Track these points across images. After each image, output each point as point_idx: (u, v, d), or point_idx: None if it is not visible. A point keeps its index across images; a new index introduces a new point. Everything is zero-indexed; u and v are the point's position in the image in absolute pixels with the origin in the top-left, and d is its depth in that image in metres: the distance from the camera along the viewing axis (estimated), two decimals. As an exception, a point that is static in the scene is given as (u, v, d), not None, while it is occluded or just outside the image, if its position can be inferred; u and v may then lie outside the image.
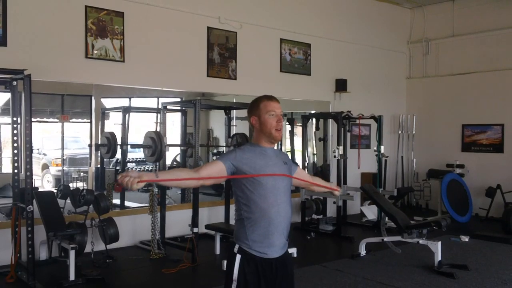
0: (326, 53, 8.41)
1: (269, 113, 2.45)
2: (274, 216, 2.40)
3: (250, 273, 2.38)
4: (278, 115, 2.47)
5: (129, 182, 2.06)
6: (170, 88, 6.71)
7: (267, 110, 2.45)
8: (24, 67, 4.61)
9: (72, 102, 6.40)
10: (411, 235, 5.33)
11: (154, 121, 6.63)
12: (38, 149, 6.78)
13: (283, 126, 2.53)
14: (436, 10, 9.44)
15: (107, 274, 4.91)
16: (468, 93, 8.98)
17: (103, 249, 5.55)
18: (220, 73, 7.05)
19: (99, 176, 6.28)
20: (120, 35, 6.06)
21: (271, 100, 2.49)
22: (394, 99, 9.67)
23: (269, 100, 2.49)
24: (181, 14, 6.64)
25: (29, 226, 4.57)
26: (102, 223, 5.45)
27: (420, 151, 9.53)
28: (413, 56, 9.84)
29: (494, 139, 8.67)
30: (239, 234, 2.44)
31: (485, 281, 4.84)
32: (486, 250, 6.16)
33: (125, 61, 6.11)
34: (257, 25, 7.45)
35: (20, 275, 4.74)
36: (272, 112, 2.45)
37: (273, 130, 2.45)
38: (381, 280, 4.85)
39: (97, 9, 5.89)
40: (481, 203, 8.38)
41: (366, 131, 9.03)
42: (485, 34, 8.78)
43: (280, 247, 2.45)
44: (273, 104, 2.47)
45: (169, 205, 6.49)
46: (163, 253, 5.69)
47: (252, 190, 2.38)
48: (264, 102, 2.48)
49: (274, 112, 2.46)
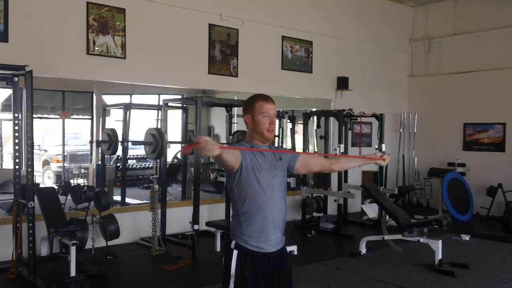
0: (328, 51, 8.39)
1: (263, 114, 2.47)
2: (270, 211, 2.44)
3: (248, 268, 2.42)
4: (272, 117, 2.49)
5: (212, 146, 2.03)
6: (171, 85, 6.69)
7: (262, 111, 2.47)
8: (25, 63, 4.60)
9: (73, 99, 6.40)
10: (412, 233, 5.33)
11: (155, 118, 6.63)
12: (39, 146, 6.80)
13: (275, 127, 2.55)
14: (438, 8, 9.42)
15: (107, 271, 4.92)
16: (470, 92, 8.96)
17: (104, 246, 5.56)
18: (221, 70, 7.04)
19: (100, 173, 6.29)
20: (121, 31, 6.05)
21: (266, 101, 2.50)
22: (396, 97, 9.65)
23: (264, 101, 2.49)
24: (182, 11, 6.63)
25: (30, 222, 4.58)
26: (103, 219, 5.45)
27: (421, 149, 9.51)
28: (415, 54, 9.82)
29: (495, 138, 8.65)
30: (235, 229, 2.48)
31: (486, 280, 4.84)
32: (486, 249, 6.16)
33: (127, 57, 6.10)
34: (258, 22, 7.43)
35: (21, 271, 4.75)
36: (266, 113, 2.47)
37: (265, 131, 2.48)
38: (382, 279, 4.85)
39: (98, 6, 5.88)
40: (482, 202, 8.37)
41: (367, 129, 9.02)
42: (487, 33, 8.76)
43: (276, 242, 2.49)
44: (268, 106, 2.49)
45: (170, 202, 6.50)
46: (164, 250, 5.69)
47: (249, 186, 2.42)
48: (259, 103, 2.49)
49: (268, 114, 2.48)
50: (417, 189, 9.16)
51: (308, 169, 2.73)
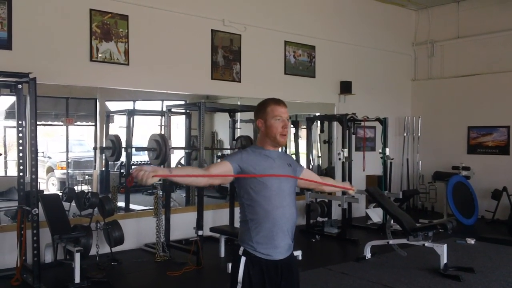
0: (331, 55, 8.39)
1: (276, 117, 2.44)
2: (279, 218, 2.40)
3: (255, 275, 2.39)
4: (284, 120, 2.46)
5: (144, 176, 2.04)
6: (174, 91, 6.71)
7: (274, 114, 2.44)
8: (29, 70, 4.63)
9: (77, 105, 6.43)
10: (417, 237, 5.31)
11: (159, 124, 6.64)
12: (43, 152, 6.82)
13: (288, 131, 2.53)
14: (441, 11, 9.41)
15: (112, 277, 4.92)
16: (473, 95, 8.94)
17: (108, 252, 5.56)
18: (224, 76, 7.05)
19: (103, 179, 6.29)
20: (124, 38, 6.07)
21: (279, 105, 2.48)
22: (399, 101, 9.64)
23: (276, 104, 2.47)
24: (185, 17, 6.65)
25: (35, 229, 4.58)
26: (107, 226, 5.45)
27: (425, 153, 9.49)
28: (418, 58, 9.81)
29: (500, 141, 8.62)
30: (244, 236, 2.45)
31: (492, 284, 4.81)
32: (492, 252, 6.12)
33: (130, 64, 6.12)
34: (261, 27, 7.45)
35: (25, 278, 4.75)
36: (279, 117, 2.45)
37: (278, 136, 2.45)
38: (387, 283, 4.82)
39: (101, 13, 5.91)
40: (487, 205, 8.33)
41: (371, 134, 9.00)
42: (490, 36, 8.75)
43: (285, 249, 2.46)
44: (280, 109, 2.46)
45: (174, 208, 6.49)
46: (168, 256, 5.68)
47: (257, 192, 2.39)
48: (272, 106, 2.46)
49: (281, 117, 2.45)
50: (422, 193, 9.12)
51: (308, 181, 2.72)
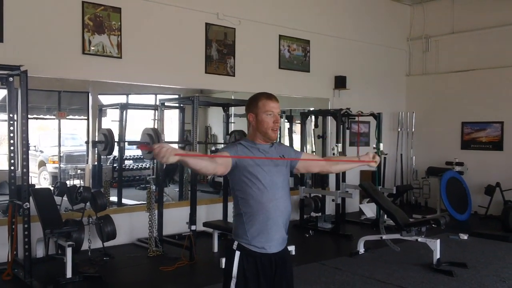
0: (325, 50, 8.37)
1: (267, 112, 2.43)
2: (272, 211, 2.40)
3: (249, 270, 2.39)
4: (276, 115, 2.45)
5: (167, 152, 2.01)
6: (167, 85, 6.67)
7: (265, 109, 2.43)
8: (20, 63, 4.58)
9: (69, 99, 6.37)
10: (410, 233, 5.32)
11: (152, 118, 6.60)
12: (34, 146, 6.76)
13: (279, 126, 2.51)
14: (436, 6, 9.40)
15: (104, 272, 4.89)
16: (468, 91, 8.95)
17: (100, 247, 5.52)
18: (218, 70, 7.01)
19: (96, 173, 6.26)
20: (117, 31, 6.01)
21: (270, 100, 2.46)
22: (394, 96, 9.63)
23: (268, 99, 2.46)
24: (179, 10, 6.59)
25: (26, 224, 4.55)
26: (99, 220, 5.42)
27: (419, 148, 9.50)
28: (413, 53, 9.81)
29: (493, 137, 8.64)
30: (238, 230, 2.44)
31: (484, 279, 4.82)
32: (485, 248, 6.14)
33: (122, 57, 6.07)
34: (255, 21, 7.40)
35: (16, 273, 4.73)
36: (270, 112, 2.43)
37: (269, 130, 2.44)
38: (380, 278, 4.83)
39: (94, 5, 5.84)
40: (480, 201, 8.36)
41: (365, 129, 9.00)
42: (485, 31, 8.74)
43: (279, 242, 2.45)
44: (272, 104, 2.45)
45: (167, 203, 6.46)
46: (161, 251, 5.66)
47: (250, 185, 2.38)
48: (263, 101, 2.45)
49: (272, 112, 2.44)
50: (415, 188, 9.15)
51: (308, 170, 2.73)
